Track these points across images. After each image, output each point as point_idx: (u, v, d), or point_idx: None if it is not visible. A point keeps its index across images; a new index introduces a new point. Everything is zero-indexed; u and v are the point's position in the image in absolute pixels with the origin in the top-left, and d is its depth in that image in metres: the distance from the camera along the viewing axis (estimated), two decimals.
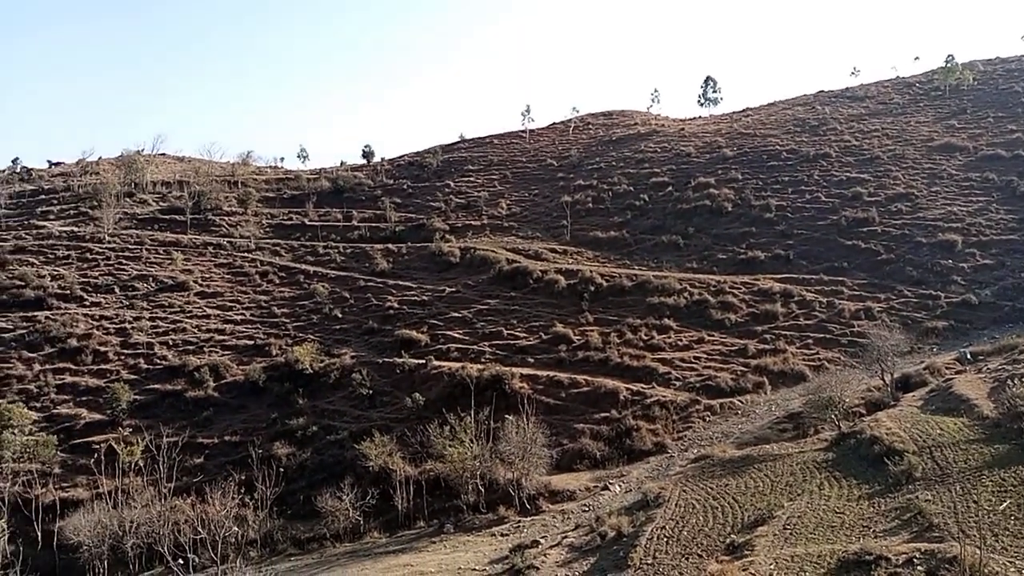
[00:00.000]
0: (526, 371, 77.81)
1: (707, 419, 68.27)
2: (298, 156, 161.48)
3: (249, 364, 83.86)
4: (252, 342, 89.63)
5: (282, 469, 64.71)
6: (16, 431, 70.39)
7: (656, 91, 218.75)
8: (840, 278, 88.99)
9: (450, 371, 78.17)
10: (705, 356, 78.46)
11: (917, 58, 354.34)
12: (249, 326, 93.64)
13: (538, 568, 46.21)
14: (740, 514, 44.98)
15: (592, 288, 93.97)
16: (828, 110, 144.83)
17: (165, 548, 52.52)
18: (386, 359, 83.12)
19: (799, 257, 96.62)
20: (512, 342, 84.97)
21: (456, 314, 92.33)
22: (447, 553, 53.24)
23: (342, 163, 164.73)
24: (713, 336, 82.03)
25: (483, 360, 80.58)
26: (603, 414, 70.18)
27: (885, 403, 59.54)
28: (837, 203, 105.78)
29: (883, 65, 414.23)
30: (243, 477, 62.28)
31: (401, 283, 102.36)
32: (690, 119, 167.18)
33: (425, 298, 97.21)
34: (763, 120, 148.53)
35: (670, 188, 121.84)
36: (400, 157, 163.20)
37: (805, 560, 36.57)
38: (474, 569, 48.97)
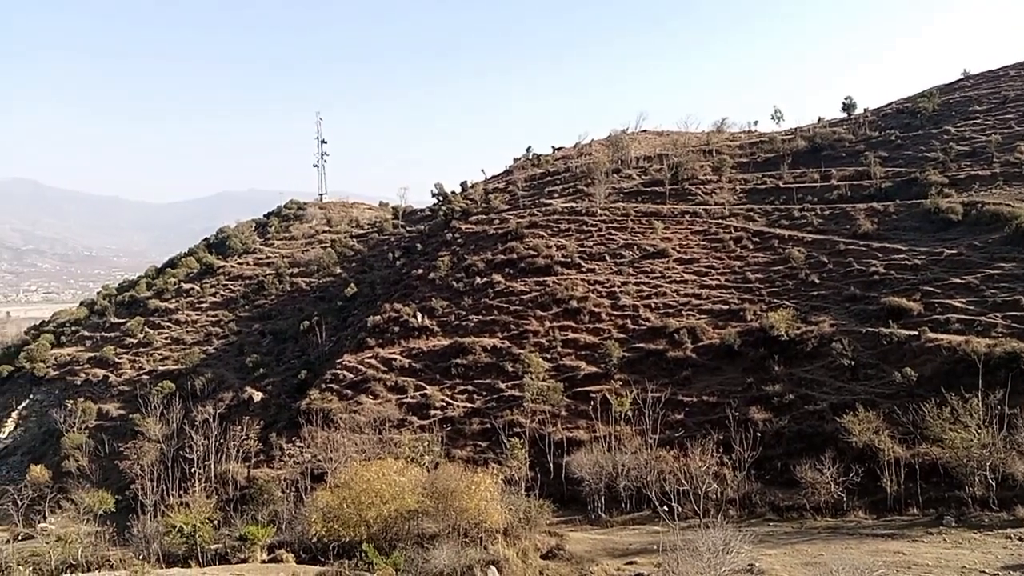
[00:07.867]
0: None
1: None
2: (772, 118, 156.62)
3: (724, 328, 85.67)
4: (727, 307, 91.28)
5: (758, 434, 64.67)
6: (533, 376, 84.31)
7: None
8: None
9: (950, 345, 68.77)
10: None
11: None
12: (723, 291, 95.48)
13: None
14: None
15: None
16: None
17: (652, 493, 57.43)
18: (870, 329, 76.72)
19: None
20: None
21: (957, 280, 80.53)
22: (947, 548, 47.34)
23: (819, 120, 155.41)
24: None
25: (994, 334, 68.88)
26: None
27: None
28: None
29: None
30: (720, 437, 63.87)
31: (888, 245, 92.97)
32: None
33: (918, 262, 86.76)
34: None
35: None
36: (887, 106, 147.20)
37: None
38: (983, 572, 42.64)
